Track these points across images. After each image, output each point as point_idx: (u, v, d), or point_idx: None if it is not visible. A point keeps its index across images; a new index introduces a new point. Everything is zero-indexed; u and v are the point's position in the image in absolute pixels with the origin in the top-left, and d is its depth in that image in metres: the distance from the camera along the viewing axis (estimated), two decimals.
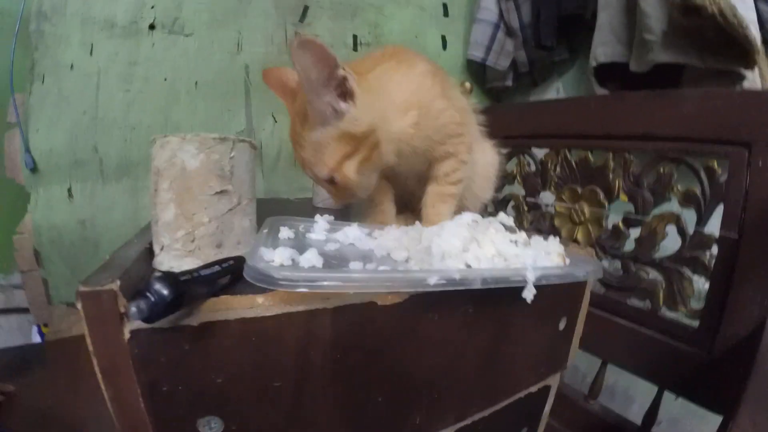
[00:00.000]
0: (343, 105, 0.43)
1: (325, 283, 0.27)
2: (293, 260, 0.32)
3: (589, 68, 0.99)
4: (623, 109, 0.76)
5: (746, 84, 0.80)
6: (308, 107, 0.43)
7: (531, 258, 0.36)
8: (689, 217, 0.68)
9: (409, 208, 0.56)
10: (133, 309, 0.25)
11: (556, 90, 1.24)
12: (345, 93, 0.43)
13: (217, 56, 1.13)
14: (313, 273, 0.28)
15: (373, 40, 1.28)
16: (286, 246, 0.33)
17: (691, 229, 0.67)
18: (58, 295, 1.10)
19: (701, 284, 0.66)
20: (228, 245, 0.35)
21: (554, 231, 0.86)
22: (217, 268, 0.30)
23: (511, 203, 0.95)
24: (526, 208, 0.92)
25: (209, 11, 1.12)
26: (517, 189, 0.95)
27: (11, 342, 1.20)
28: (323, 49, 0.40)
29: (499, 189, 0.98)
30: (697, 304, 0.65)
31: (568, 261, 0.40)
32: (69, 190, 1.07)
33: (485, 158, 0.60)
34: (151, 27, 1.07)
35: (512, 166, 0.95)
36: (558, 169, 0.86)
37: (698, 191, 0.66)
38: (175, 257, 0.35)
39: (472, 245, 0.35)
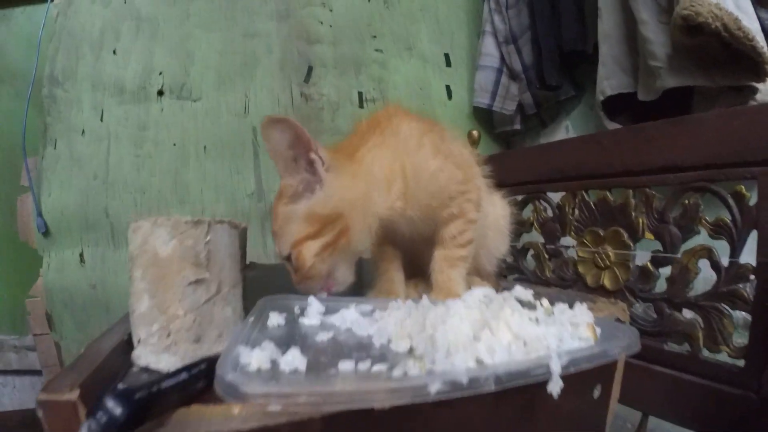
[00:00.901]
0: (316, 185, 0.42)
1: (302, 398, 0.23)
2: (273, 361, 0.28)
3: (597, 103, 0.97)
4: (639, 142, 0.72)
5: (759, 97, 0.77)
6: (281, 181, 0.42)
7: (555, 338, 0.31)
8: (722, 248, 0.63)
9: (420, 273, 0.52)
10: (84, 431, 0.22)
11: (565, 128, 1.22)
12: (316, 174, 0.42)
13: (225, 119, 1.16)
14: (287, 386, 0.24)
15: (379, 95, 1.30)
16: (274, 337, 0.30)
17: (725, 261, 0.62)
18: (70, 359, 1.09)
19: (742, 318, 0.61)
20: (208, 339, 0.32)
21: (578, 278, 0.81)
22: (184, 375, 0.26)
23: (531, 252, 0.91)
24: (546, 257, 0.87)
25: (216, 76, 1.15)
26: (536, 237, 0.90)
27: (25, 402, 1.18)
28: (297, 130, 0.38)
29: (516, 238, 0.93)
30: (740, 341, 0.61)
31: (599, 331, 0.35)
32: (81, 254, 1.08)
33: (496, 211, 0.57)
34: (160, 92, 1.11)
35: (528, 213, 0.91)
36: (576, 212, 0.82)
37: (728, 219, 0.62)
38: (151, 352, 0.32)
39: (484, 332, 0.30)
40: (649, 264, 0.71)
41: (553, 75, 1.10)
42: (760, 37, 0.68)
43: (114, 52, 1.08)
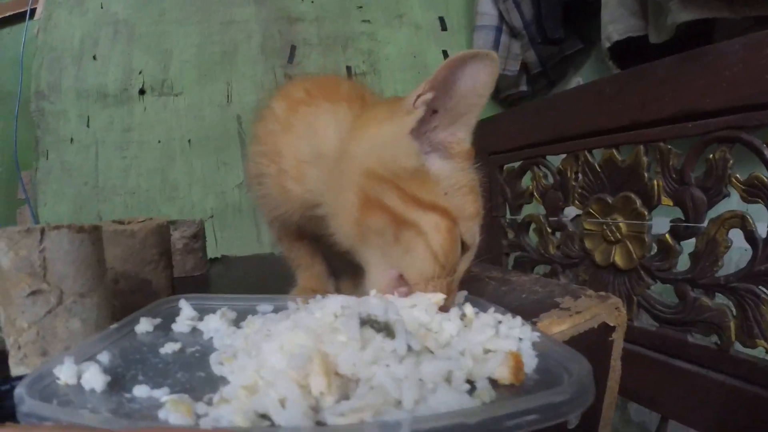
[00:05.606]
0: None
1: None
2: (79, 378, 0.22)
3: (603, 51, 0.85)
4: (647, 86, 0.62)
5: None
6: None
7: (418, 385, 0.20)
8: (758, 214, 0.52)
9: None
10: None
11: (576, 85, 1.10)
12: None
13: (208, 111, 1.13)
14: (56, 412, 0.19)
15: (369, 68, 1.23)
16: (125, 347, 0.26)
17: (763, 231, 0.52)
18: None
19: None
20: (54, 353, 0.30)
21: (586, 255, 0.71)
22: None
23: (533, 226, 0.81)
24: (549, 231, 0.77)
25: (196, 68, 1.12)
26: (537, 208, 0.81)
27: None
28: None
29: (516, 211, 0.84)
30: None
31: (534, 364, 0.23)
32: None
33: None
34: (141, 92, 1.10)
35: (527, 181, 0.82)
36: (580, 176, 0.72)
37: (765, 177, 0.51)
38: (13, 364, 0.31)
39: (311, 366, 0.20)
40: (668, 236, 0.61)
41: (556, 27, 0.99)
42: None
43: (94, 57, 1.08)
